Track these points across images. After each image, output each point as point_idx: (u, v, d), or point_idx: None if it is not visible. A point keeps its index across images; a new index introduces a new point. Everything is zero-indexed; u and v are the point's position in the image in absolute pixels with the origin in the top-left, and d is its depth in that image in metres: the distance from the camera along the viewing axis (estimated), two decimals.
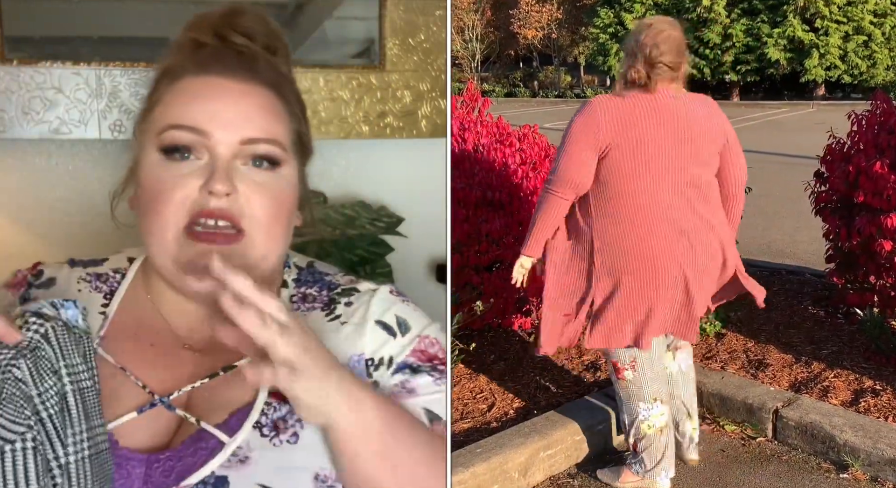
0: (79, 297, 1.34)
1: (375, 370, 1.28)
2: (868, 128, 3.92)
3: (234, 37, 1.32)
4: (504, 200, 3.89)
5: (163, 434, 1.24)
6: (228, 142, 1.23)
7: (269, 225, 1.26)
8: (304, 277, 1.41)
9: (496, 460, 2.79)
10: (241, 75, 1.27)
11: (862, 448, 2.89)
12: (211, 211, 1.21)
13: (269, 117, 1.27)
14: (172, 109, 1.25)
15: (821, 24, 24.18)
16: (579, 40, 30.45)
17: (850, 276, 4.05)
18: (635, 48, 2.56)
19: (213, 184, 1.20)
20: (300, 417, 1.19)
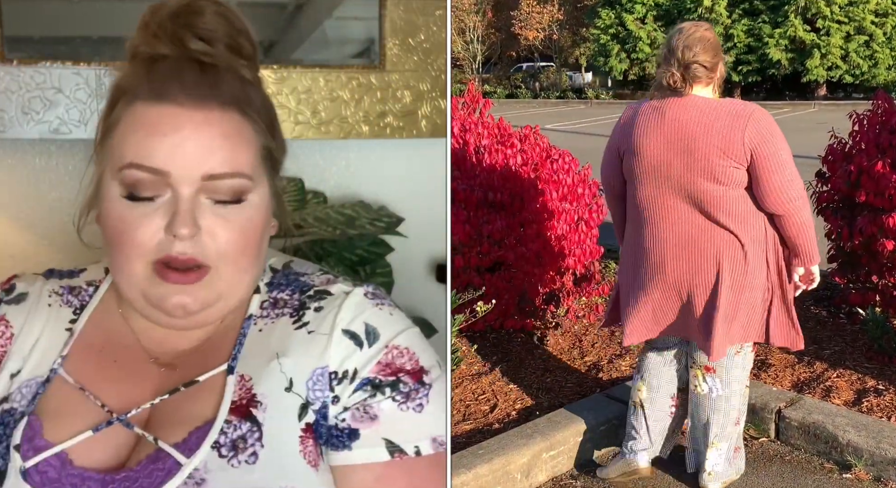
0: (48, 312, 1.32)
1: (338, 384, 1.21)
2: (869, 128, 3.92)
3: (193, 43, 1.21)
4: (506, 201, 3.89)
5: (121, 453, 1.20)
6: (190, 180, 1.16)
7: (237, 257, 1.21)
8: (278, 280, 1.34)
9: (499, 461, 2.78)
10: (201, 100, 1.17)
11: (865, 448, 2.88)
12: (175, 257, 1.16)
13: (233, 145, 1.19)
14: (130, 143, 1.18)
15: (822, 24, 24.16)
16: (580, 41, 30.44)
17: (852, 276, 4.05)
18: (668, 52, 2.56)
19: (176, 227, 1.15)
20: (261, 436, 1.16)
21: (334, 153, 2.09)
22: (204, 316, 1.23)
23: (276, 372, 1.21)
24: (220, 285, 1.21)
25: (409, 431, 1.20)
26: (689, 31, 2.56)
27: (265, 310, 1.29)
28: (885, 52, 23.80)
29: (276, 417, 1.18)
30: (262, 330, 1.27)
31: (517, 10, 31.01)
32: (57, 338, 1.30)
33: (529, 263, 3.95)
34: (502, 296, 3.91)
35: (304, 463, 1.17)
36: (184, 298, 1.19)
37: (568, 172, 4.13)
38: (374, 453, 1.19)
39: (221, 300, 1.23)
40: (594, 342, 4.01)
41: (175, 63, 1.20)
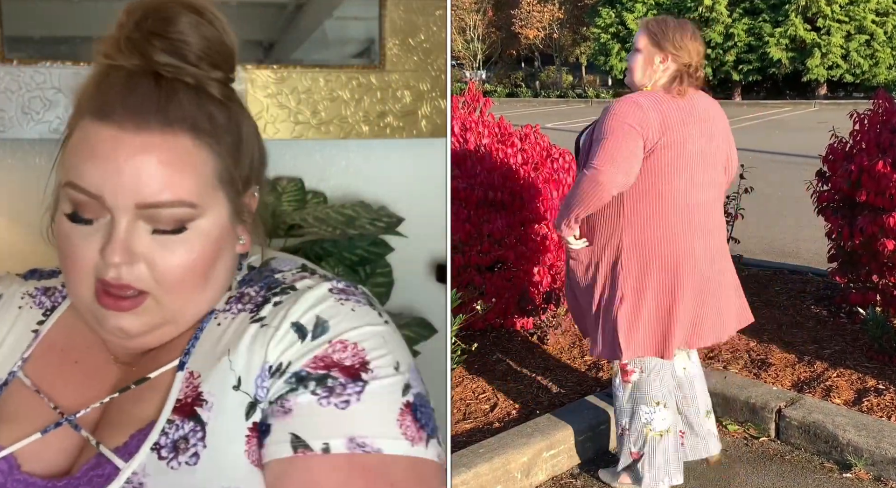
0: (17, 314, 1.29)
1: (271, 378, 1.13)
2: (870, 127, 3.92)
3: (158, 55, 1.12)
4: (506, 200, 3.89)
5: (66, 457, 1.16)
6: (124, 208, 1.10)
7: (179, 285, 1.14)
8: (251, 277, 1.27)
9: (499, 460, 2.78)
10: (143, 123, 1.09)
11: (865, 447, 2.88)
12: (108, 282, 1.11)
13: (173, 173, 1.11)
14: (71, 162, 1.13)
15: (823, 23, 24.15)
16: (581, 40, 30.44)
17: (852, 276, 4.05)
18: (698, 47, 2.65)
19: (108, 255, 1.10)
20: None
21: (334, 153, 2.09)
22: (152, 338, 1.18)
23: (225, 370, 1.14)
24: (162, 311, 1.15)
25: (322, 427, 1.08)
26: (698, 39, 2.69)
27: (230, 304, 1.23)
28: (886, 52, 23.79)
29: (221, 416, 1.11)
30: (221, 324, 1.20)
31: (518, 9, 31.01)
32: (21, 340, 1.26)
33: (530, 262, 3.95)
34: (502, 295, 3.91)
35: (249, 464, 1.10)
36: (122, 322, 1.14)
37: (568, 171, 4.13)
38: (279, 449, 1.09)
39: (168, 324, 1.17)
40: None
41: (127, 78, 1.13)
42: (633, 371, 2.72)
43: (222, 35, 1.18)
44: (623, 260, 2.61)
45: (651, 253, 2.59)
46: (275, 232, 1.50)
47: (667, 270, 2.59)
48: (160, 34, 1.12)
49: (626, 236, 2.60)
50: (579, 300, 2.80)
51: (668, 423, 2.72)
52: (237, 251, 1.24)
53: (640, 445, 2.73)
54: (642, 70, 2.65)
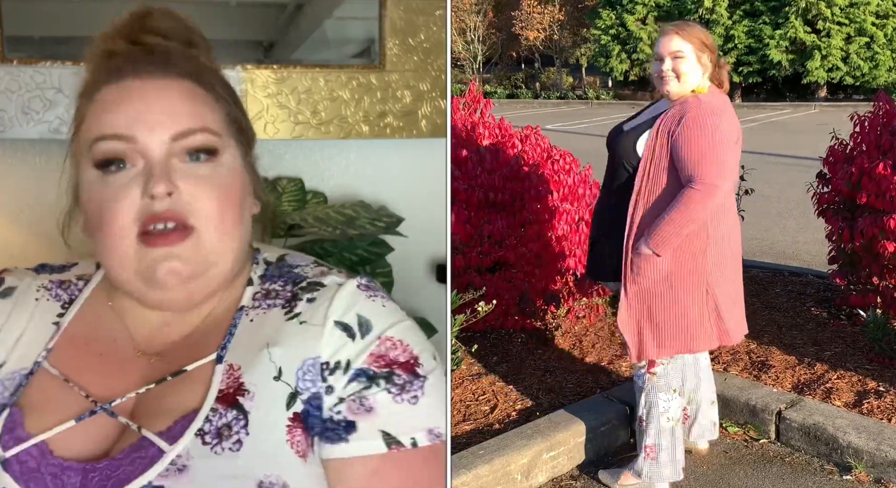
0: (35, 307, 1.34)
1: (331, 374, 1.22)
2: (871, 130, 3.92)
3: (146, 37, 1.29)
4: (506, 202, 3.89)
5: (104, 442, 1.21)
6: (159, 142, 1.20)
7: (219, 217, 1.23)
8: (271, 272, 1.35)
9: (499, 462, 2.78)
10: (155, 73, 1.24)
11: (865, 449, 2.88)
12: (156, 214, 1.18)
13: (195, 106, 1.24)
14: (96, 122, 1.23)
15: (823, 25, 24.16)
16: (581, 42, 30.44)
17: (852, 278, 4.05)
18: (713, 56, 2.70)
19: (153, 187, 1.18)
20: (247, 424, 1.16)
21: (334, 153, 2.09)
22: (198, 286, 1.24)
23: (265, 362, 1.21)
24: (206, 249, 1.22)
25: (405, 423, 1.20)
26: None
27: (257, 301, 1.30)
28: (886, 54, 23.79)
29: (263, 405, 1.19)
30: (254, 320, 1.28)
31: (518, 11, 31.01)
32: (43, 332, 1.31)
33: (530, 264, 3.95)
34: (503, 297, 3.91)
35: (292, 453, 1.17)
36: (174, 264, 1.20)
37: (569, 173, 4.13)
38: (372, 445, 1.19)
39: (211, 267, 1.24)
40: (594, 343, 4.01)
41: (127, 54, 1.27)
42: (660, 363, 2.75)
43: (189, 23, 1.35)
44: (707, 259, 2.65)
45: (723, 251, 2.69)
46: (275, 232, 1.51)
47: (731, 268, 2.74)
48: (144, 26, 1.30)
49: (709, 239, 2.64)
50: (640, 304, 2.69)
51: (680, 412, 2.80)
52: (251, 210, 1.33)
53: (654, 437, 2.76)
54: (695, 73, 2.64)
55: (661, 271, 2.62)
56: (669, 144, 2.57)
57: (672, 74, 2.63)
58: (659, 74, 2.67)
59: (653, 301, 2.66)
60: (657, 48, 2.69)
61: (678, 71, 2.62)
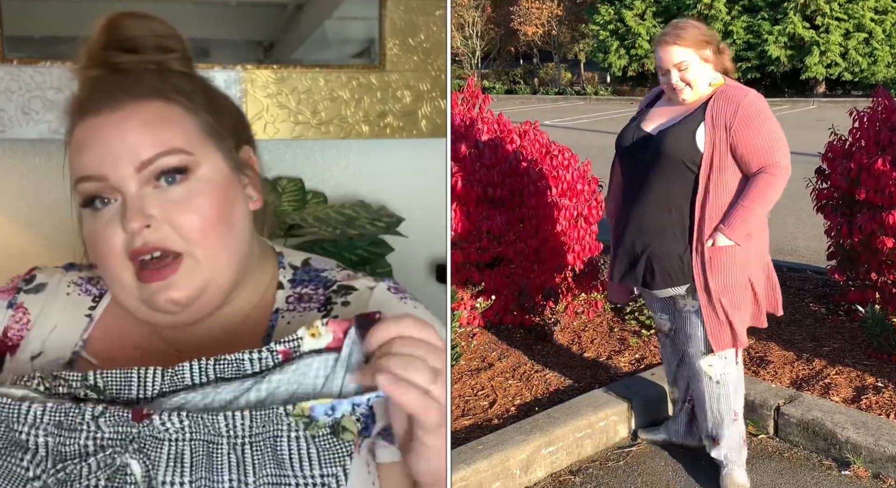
0: (66, 300, 1.37)
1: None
2: (870, 125, 3.92)
3: (113, 56, 1.28)
4: (505, 197, 3.89)
5: None
6: (125, 176, 1.19)
7: (204, 235, 1.22)
8: (300, 276, 1.37)
9: (498, 457, 2.79)
10: (118, 101, 1.22)
11: (864, 445, 2.89)
12: (139, 250, 1.19)
13: (157, 129, 1.22)
14: (73, 164, 1.25)
15: (821, 21, 24.13)
16: (579, 37, 30.41)
17: (851, 273, 4.06)
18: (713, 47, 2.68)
19: (126, 223, 1.19)
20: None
21: (334, 153, 2.09)
22: (202, 304, 1.24)
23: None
24: (202, 270, 1.22)
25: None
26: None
27: (291, 304, 1.33)
28: (885, 50, 23.77)
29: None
30: (290, 323, 1.30)
31: (516, 6, 30.97)
32: (76, 324, 1.34)
33: (529, 259, 3.95)
34: (501, 292, 3.92)
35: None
36: (171, 294, 1.20)
37: (567, 168, 4.13)
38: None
39: (211, 284, 1.23)
40: (593, 338, 4.02)
41: (97, 81, 1.27)
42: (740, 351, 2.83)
43: (166, 27, 1.33)
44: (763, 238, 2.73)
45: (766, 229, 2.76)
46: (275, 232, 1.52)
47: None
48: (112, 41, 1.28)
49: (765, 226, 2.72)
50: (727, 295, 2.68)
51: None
52: (251, 208, 1.33)
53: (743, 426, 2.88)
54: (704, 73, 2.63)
55: (737, 259, 2.64)
56: (730, 136, 2.56)
57: (682, 85, 2.62)
58: (670, 87, 2.66)
59: (736, 290, 2.67)
60: (659, 62, 2.66)
61: (687, 80, 2.61)
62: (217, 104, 1.33)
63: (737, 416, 2.84)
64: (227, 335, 1.31)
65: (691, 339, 2.77)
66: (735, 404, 2.83)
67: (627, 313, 4.22)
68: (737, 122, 2.55)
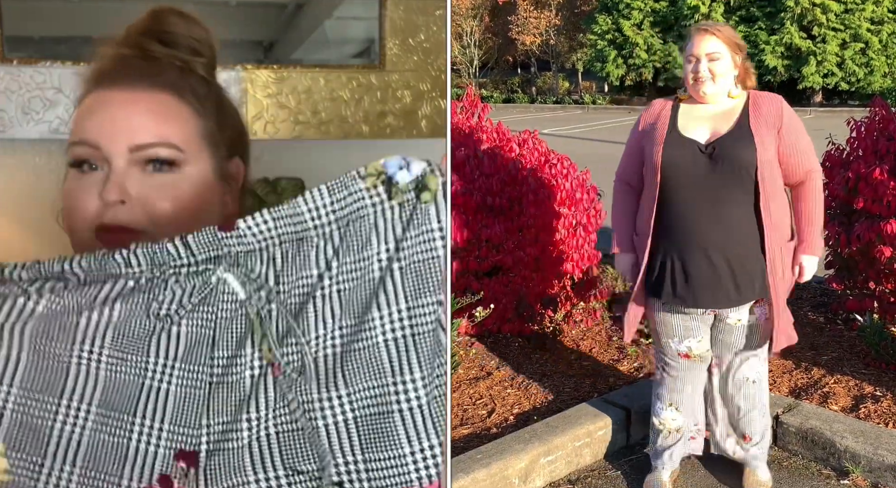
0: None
1: None
2: (867, 135, 3.93)
3: (151, 45, 1.35)
4: (504, 206, 3.89)
5: None
6: (118, 152, 1.27)
7: (170, 221, 1.28)
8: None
9: (496, 466, 2.78)
10: (132, 83, 1.30)
11: (862, 454, 2.88)
12: (106, 225, 1.26)
13: (160, 120, 1.29)
14: (75, 126, 1.32)
15: (818, 31, 24.22)
16: (577, 47, 30.49)
17: (849, 282, 4.05)
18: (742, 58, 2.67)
19: (104, 193, 1.26)
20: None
21: (334, 153, 2.09)
22: None
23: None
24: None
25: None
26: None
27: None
28: (881, 60, 23.85)
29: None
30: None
31: (514, 15, 31.06)
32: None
33: (527, 268, 3.95)
34: (500, 301, 3.91)
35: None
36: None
37: (566, 177, 4.13)
38: None
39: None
40: (592, 347, 4.01)
41: (124, 59, 1.35)
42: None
43: (204, 32, 1.41)
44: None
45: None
46: None
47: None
48: (151, 30, 1.36)
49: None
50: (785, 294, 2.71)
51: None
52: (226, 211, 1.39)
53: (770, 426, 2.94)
54: (729, 75, 2.60)
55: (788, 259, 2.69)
56: (778, 138, 2.56)
57: (707, 75, 2.56)
58: (694, 75, 2.58)
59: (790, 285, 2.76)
60: (690, 49, 2.59)
61: (714, 72, 2.56)
62: (224, 114, 1.41)
63: (765, 409, 2.89)
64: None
65: (737, 349, 2.76)
66: (766, 397, 2.89)
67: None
68: (784, 124, 2.56)
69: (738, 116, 2.59)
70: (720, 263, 2.56)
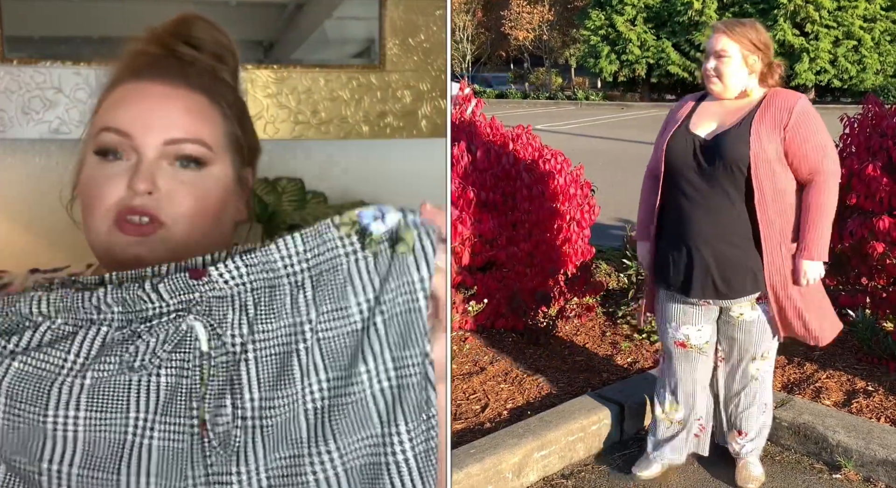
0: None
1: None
2: (860, 132, 3.95)
3: (179, 47, 1.37)
4: (497, 201, 3.90)
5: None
6: (152, 144, 1.27)
7: (192, 217, 1.29)
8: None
9: (490, 461, 2.79)
10: (170, 79, 1.31)
11: (854, 448, 2.90)
12: (133, 207, 1.26)
13: (195, 119, 1.31)
14: (106, 114, 1.31)
15: (811, 28, 24.28)
16: (570, 42, 30.49)
17: (842, 278, 4.07)
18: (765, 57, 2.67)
19: (135, 183, 1.26)
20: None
21: (334, 153, 2.10)
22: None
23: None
24: (174, 243, 1.28)
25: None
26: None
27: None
28: (873, 57, 23.92)
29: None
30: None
31: (507, 10, 31.04)
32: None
33: (521, 263, 3.96)
34: (494, 296, 3.92)
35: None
36: (139, 249, 1.27)
37: (560, 172, 4.14)
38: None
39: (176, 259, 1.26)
40: (585, 342, 4.03)
41: (156, 57, 1.35)
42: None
43: (227, 39, 1.43)
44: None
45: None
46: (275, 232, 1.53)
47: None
48: (182, 33, 1.37)
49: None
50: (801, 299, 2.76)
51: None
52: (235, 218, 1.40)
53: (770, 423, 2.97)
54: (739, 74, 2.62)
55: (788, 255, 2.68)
56: (783, 136, 2.56)
57: (713, 74, 2.65)
58: (705, 71, 2.70)
59: (808, 291, 2.76)
60: (708, 46, 2.70)
61: (721, 71, 2.62)
62: (244, 122, 1.43)
63: (766, 407, 2.92)
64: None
65: (742, 346, 2.80)
66: (769, 396, 2.92)
67: (620, 317, 4.23)
68: (790, 123, 2.56)
69: (746, 113, 2.62)
70: (707, 256, 2.63)
